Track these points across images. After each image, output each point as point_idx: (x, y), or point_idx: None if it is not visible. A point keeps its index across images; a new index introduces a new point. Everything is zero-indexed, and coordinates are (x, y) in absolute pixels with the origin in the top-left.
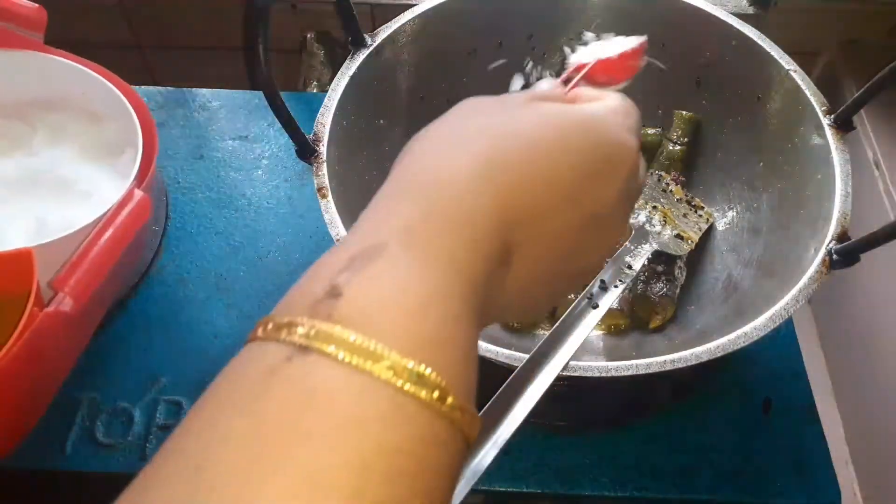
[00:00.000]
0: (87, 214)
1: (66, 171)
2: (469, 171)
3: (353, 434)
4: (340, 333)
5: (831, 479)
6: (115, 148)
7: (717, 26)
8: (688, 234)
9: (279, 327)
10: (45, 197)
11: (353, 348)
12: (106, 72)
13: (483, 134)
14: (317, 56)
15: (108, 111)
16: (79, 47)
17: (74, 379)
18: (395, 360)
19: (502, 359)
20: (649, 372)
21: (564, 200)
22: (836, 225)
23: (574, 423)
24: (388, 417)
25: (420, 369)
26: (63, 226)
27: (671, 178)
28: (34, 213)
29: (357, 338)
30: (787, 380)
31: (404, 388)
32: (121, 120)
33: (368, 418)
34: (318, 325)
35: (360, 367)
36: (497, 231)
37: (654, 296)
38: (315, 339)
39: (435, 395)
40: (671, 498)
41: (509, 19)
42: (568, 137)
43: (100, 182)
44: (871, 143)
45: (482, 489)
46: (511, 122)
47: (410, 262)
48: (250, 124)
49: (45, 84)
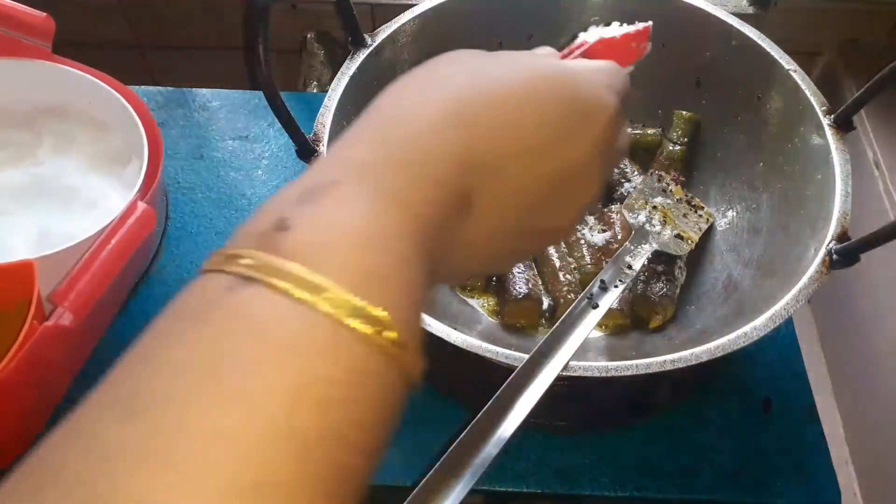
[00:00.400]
0: (91, 225)
1: (72, 181)
2: (430, 111)
3: (287, 362)
4: (283, 265)
5: (831, 479)
6: (121, 157)
7: (717, 26)
8: (688, 234)
9: (226, 259)
10: (50, 206)
11: (295, 280)
12: (113, 81)
13: (453, 79)
14: (317, 56)
15: (114, 121)
16: (79, 47)
17: (74, 381)
18: (335, 293)
19: (502, 359)
20: (649, 372)
21: (528, 149)
22: (836, 225)
23: (574, 423)
24: (324, 347)
25: (360, 303)
26: (67, 236)
27: (671, 178)
28: (38, 222)
29: (299, 270)
30: (787, 380)
31: (342, 321)
32: (127, 130)
33: (304, 347)
34: (263, 257)
35: (300, 299)
36: (454, 173)
37: (654, 296)
38: (258, 271)
39: (373, 328)
40: (671, 498)
41: (509, 19)
42: (538, 86)
43: (105, 192)
44: (871, 143)
45: (482, 489)
46: (484, 69)
47: (359, 199)
48: (250, 124)
49: (53, 92)
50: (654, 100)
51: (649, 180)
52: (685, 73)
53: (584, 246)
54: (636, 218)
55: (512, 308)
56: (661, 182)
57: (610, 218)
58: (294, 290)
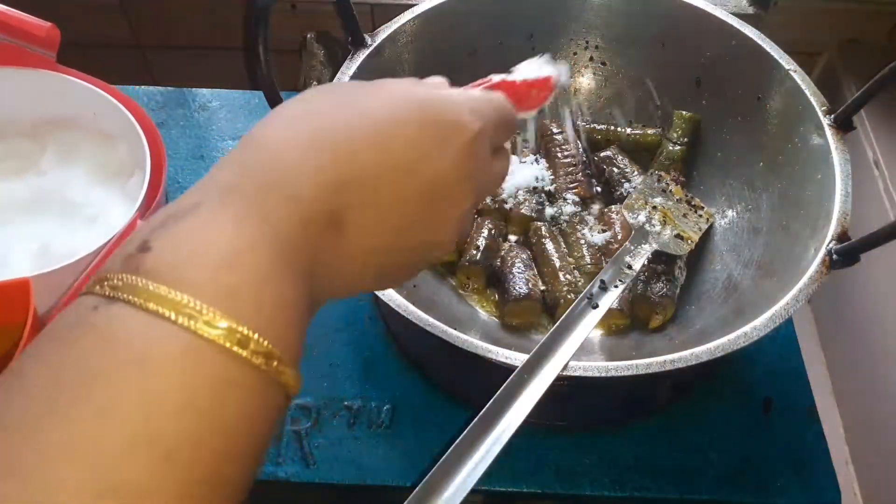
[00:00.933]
0: (90, 240)
1: (74, 194)
2: (296, 136)
3: (143, 372)
4: (144, 284)
5: (831, 479)
6: (124, 169)
7: (717, 26)
8: (688, 234)
9: (95, 281)
10: (51, 219)
11: (154, 297)
12: (118, 92)
13: (321, 108)
14: (317, 56)
15: (118, 132)
16: (79, 48)
17: None
18: (193, 308)
19: (502, 359)
20: (649, 372)
21: (395, 169)
22: (836, 225)
23: (574, 423)
24: (180, 358)
25: (217, 316)
26: (66, 251)
27: (671, 179)
28: (39, 235)
29: (158, 287)
30: (787, 380)
31: (200, 332)
32: (131, 142)
33: (160, 358)
34: (125, 277)
35: (159, 314)
36: (320, 193)
37: (654, 296)
38: (120, 290)
39: (232, 340)
40: (671, 498)
41: (509, 19)
42: (399, 110)
43: (107, 205)
44: (871, 143)
45: (482, 489)
46: (352, 97)
47: (222, 219)
48: (250, 124)
49: (57, 103)
50: (654, 100)
51: (649, 180)
52: (685, 73)
53: (584, 246)
54: (636, 218)
55: (512, 308)
56: (660, 182)
57: (610, 218)
58: (153, 305)
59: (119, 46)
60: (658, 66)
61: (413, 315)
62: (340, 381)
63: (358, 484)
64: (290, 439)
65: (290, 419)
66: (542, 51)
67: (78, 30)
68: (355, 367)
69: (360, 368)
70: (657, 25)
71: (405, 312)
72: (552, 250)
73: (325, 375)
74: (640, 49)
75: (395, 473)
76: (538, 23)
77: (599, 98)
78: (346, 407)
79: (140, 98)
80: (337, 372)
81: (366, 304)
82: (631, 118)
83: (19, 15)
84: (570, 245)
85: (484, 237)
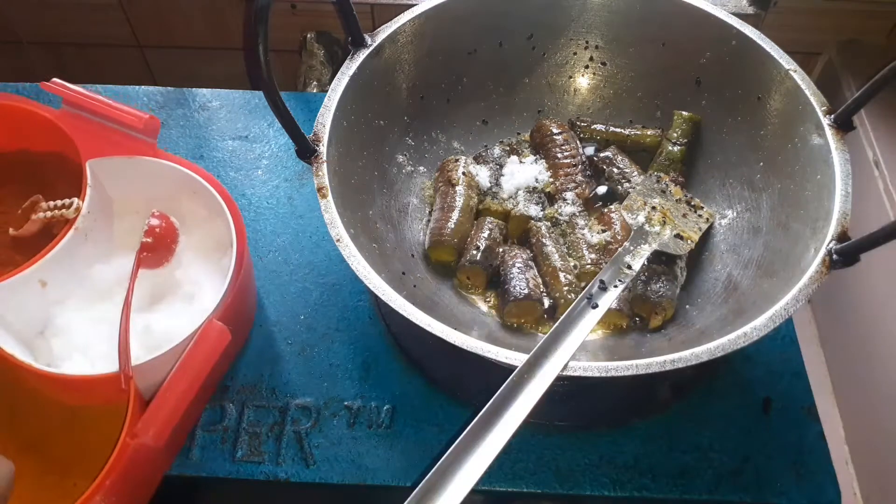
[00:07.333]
0: (186, 324)
1: (179, 273)
2: None
3: None
4: None
5: (831, 479)
6: (221, 246)
7: (717, 26)
8: (688, 234)
9: None
10: (158, 301)
11: None
12: (209, 176)
13: None
14: (317, 56)
15: (212, 213)
16: (80, 47)
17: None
18: None
19: (502, 359)
20: (649, 372)
21: None
22: (836, 225)
23: (574, 423)
24: None
25: None
26: (164, 329)
27: (670, 179)
28: (143, 316)
29: None
30: (787, 380)
31: None
32: (221, 222)
33: None
34: None
35: None
36: None
37: (654, 296)
38: None
39: None
40: (671, 498)
41: (509, 19)
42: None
43: (202, 283)
44: (871, 143)
45: (482, 489)
46: None
47: None
48: (250, 124)
49: (160, 185)
50: (654, 100)
51: (648, 181)
52: (685, 73)
53: (584, 246)
54: (636, 218)
55: (512, 308)
56: (660, 182)
57: (610, 218)
58: None
59: (119, 46)
60: (658, 66)
61: (413, 315)
62: (340, 381)
63: (358, 484)
64: (290, 439)
65: (291, 419)
66: (542, 51)
67: (78, 30)
68: (355, 367)
69: (360, 368)
70: (657, 25)
71: (405, 312)
72: (552, 250)
73: (325, 375)
74: (640, 49)
75: (395, 473)
76: (538, 23)
77: (599, 98)
78: (346, 407)
79: (140, 98)
80: (337, 372)
81: (366, 304)
82: (631, 118)
83: (125, 108)
84: (569, 245)
85: (484, 237)
